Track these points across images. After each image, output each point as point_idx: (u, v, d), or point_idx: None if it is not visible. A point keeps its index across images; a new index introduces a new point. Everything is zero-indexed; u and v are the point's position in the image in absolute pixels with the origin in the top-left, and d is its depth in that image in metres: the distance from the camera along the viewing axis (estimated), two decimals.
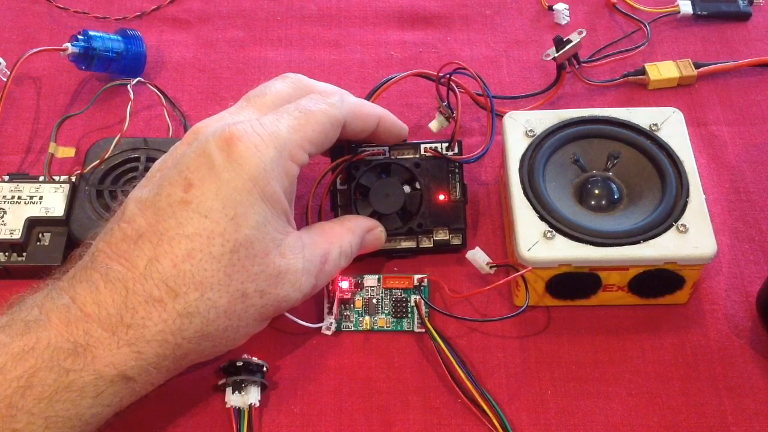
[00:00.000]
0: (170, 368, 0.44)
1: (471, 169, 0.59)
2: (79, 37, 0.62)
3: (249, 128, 0.44)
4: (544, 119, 0.54)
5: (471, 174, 0.59)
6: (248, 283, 0.43)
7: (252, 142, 0.43)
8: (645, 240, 0.49)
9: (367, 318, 0.53)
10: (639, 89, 0.64)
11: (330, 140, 0.48)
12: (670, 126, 0.54)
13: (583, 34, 0.59)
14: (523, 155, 0.53)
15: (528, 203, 0.51)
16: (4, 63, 0.63)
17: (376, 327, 0.53)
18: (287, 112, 0.46)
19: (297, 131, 0.46)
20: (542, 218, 0.50)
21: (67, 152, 0.58)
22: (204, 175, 0.43)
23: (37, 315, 0.41)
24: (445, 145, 0.55)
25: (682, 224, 0.49)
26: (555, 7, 0.68)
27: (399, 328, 0.52)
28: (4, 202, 0.55)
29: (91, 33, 0.62)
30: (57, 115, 0.62)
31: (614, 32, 0.68)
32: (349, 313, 0.53)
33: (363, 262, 0.54)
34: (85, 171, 0.56)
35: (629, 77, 0.64)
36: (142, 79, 0.61)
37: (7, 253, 0.54)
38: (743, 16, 0.68)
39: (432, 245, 0.55)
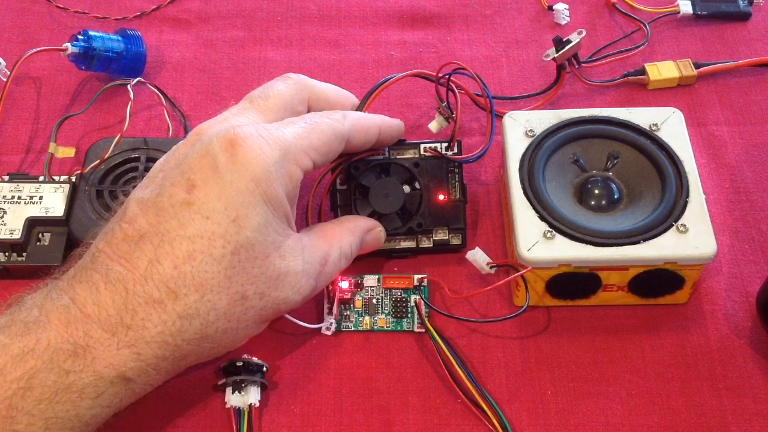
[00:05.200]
0: (169, 369, 0.44)
1: (470, 168, 0.59)
2: (79, 37, 0.62)
3: (254, 131, 0.44)
4: (544, 119, 0.54)
5: (471, 174, 0.59)
6: (248, 285, 0.43)
7: (257, 143, 0.43)
8: (645, 240, 0.49)
9: (367, 318, 0.53)
10: (639, 89, 0.64)
11: (334, 152, 0.48)
12: (670, 126, 0.54)
13: (583, 34, 0.59)
14: (523, 155, 0.53)
15: (528, 203, 0.51)
16: (4, 63, 0.63)
17: (376, 327, 0.53)
18: (292, 123, 0.47)
19: (303, 138, 0.46)
20: (542, 218, 0.50)
21: (67, 152, 0.58)
22: (207, 176, 0.43)
23: (37, 316, 0.41)
24: (444, 144, 0.55)
25: (682, 224, 0.49)
26: (555, 7, 0.68)
27: (399, 328, 0.52)
28: (4, 202, 0.55)
29: (91, 33, 0.62)
30: (57, 115, 0.62)
31: (614, 32, 0.68)
32: (349, 313, 0.53)
33: (363, 262, 0.54)
34: (85, 171, 0.56)
35: (629, 77, 0.64)
36: (142, 79, 0.61)
37: (7, 253, 0.54)
38: (743, 16, 0.68)
39: (432, 245, 0.55)
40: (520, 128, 0.54)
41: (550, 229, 0.49)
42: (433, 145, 0.55)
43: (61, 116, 0.61)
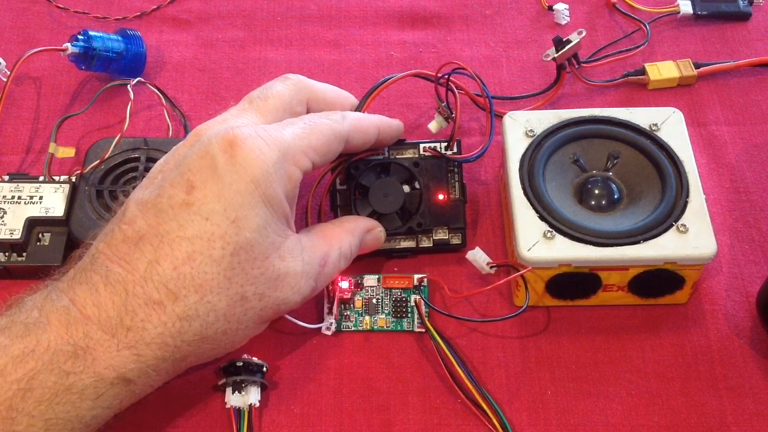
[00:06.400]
0: (169, 370, 0.44)
1: (470, 168, 0.59)
2: (79, 37, 0.62)
3: (253, 132, 0.44)
4: (544, 119, 0.54)
5: (470, 173, 0.59)
6: (248, 286, 0.43)
7: (256, 144, 0.43)
8: (645, 240, 0.49)
9: (367, 318, 0.53)
10: (639, 89, 0.64)
11: (333, 153, 0.49)
12: (670, 126, 0.54)
13: (583, 35, 0.59)
14: (523, 155, 0.53)
15: (528, 203, 0.51)
16: (4, 63, 0.63)
17: (376, 327, 0.53)
18: (292, 123, 0.47)
19: (302, 139, 0.46)
20: (542, 218, 0.50)
21: (67, 152, 0.58)
22: (206, 177, 0.43)
23: (37, 317, 0.41)
24: (444, 144, 0.55)
25: (682, 224, 0.49)
26: (555, 7, 0.68)
27: (399, 328, 0.52)
28: (4, 202, 0.55)
29: (91, 33, 0.62)
30: (57, 115, 0.62)
31: (614, 32, 0.68)
32: (349, 313, 0.53)
33: (363, 262, 0.54)
34: (85, 171, 0.56)
35: (629, 77, 0.64)
36: (142, 79, 0.61)
37: (7, 253, 0.54)
38: (743, 16, 0.68)
39: (431, 245, 0.55)
40: (520, 128, 0.54)
41: (550, 229, 0.49)
42: (432, 145, 0.55)
43: (61, 116, 0.61)
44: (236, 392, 0.48)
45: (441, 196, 0.54)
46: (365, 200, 0.54)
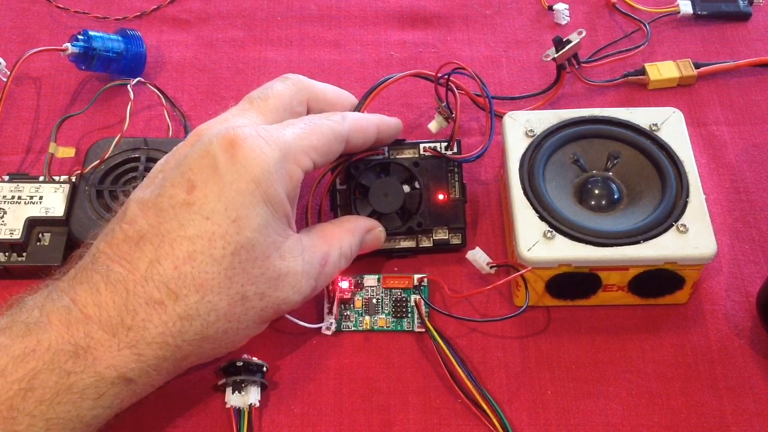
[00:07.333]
0: (170, 370, 0.44)
1: (470, 168, 0.59)
2: (79, 37, 0.62)
3: (253, 132, 0.44)
4: (544, 119, 0.54)
5: (470, 173, 0.59)
6: (248, 285, 0.43)
7: (256, 144, 0.43)
8: (645, 240, 0.49)
9: (367, 318, 0.53)
10: (639, 89, 0.64)
11: (334, 153, 0.49)
12: (670, 126, 0.54)
13: (583, 35, 0.59)
14: (523, 155, 0.53)
15: (528, 203, 0.51)
16: (4, 63, 0.63)
17: (376, 327, 0.53)
18: (292, 124, 0.47)
19: (303, 138, 0.46)
20: (542, 218, 0.50)
21: (67, 152, 0.58)
22: (207, 176, 0.43)
23: (38, 317, 0.41)
24: (444, 144, 0.55)
25: (682, 224, 0.49)
26: (555, 7, 0.68)
27: (399, 328, 0.52)
28: (4, 202, 0.55)
29: (91, 33, 0.62)
30: (57, 115, 0.62)
31: (614, 32, 0.68)
32: (349, 313, 0.53)
33: (363, 262, 0.54)
34: (85, 171, 0.56)
35: (629, 77, 0.64)
36: (142, 79, 0.61)
37: (7, 253, 0.54)
38: (743, 16, 0.68)
39: (431, 245, 0.55)
40: (520, 128, 0.54)
41: (550, 229, 0.49)
42: (432, 145, 0.55)
43: (61, 116, 0.61)
44: (236, 392, 0.48)
45: (441, 196, 0.54)
46: (365, 200, 0.54)
